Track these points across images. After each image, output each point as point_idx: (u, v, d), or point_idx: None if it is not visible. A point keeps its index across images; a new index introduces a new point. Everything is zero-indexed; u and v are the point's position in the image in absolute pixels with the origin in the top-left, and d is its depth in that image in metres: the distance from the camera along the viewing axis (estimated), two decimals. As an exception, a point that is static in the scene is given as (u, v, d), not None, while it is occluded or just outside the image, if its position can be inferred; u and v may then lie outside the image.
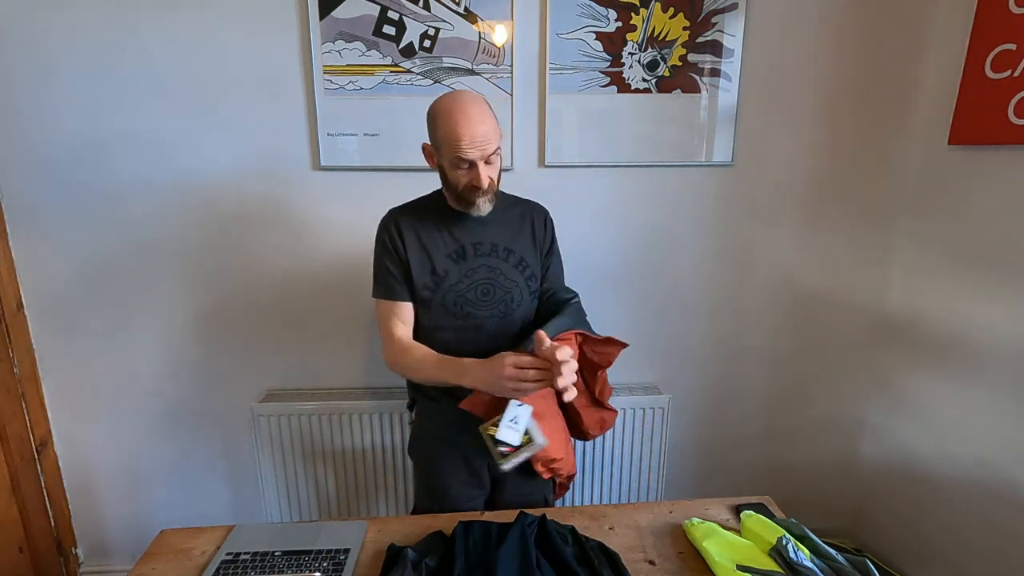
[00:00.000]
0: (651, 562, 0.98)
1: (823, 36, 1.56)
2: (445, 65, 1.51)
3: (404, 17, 1.47)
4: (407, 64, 1.50)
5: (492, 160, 1.07)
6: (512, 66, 1.52)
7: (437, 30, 1.48)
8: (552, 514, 1.07)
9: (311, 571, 0.95)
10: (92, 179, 1.54)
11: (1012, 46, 1.34)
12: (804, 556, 0.91)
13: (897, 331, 1.74)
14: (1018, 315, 1.39)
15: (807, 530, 0.97)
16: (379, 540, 1.03)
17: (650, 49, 1.53)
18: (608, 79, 1.54)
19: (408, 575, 0.89)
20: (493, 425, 1.01)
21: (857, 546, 1.93)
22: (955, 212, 1.54)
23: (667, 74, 1.55)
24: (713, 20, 1.52)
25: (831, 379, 1.84)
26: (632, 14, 1.51)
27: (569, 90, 1.54)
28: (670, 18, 1.51)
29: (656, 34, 1.52)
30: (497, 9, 1.48)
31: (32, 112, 1.49)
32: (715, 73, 1.56)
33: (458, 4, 1.47)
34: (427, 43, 1.49)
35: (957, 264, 1.54)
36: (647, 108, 1.57)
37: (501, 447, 1.00)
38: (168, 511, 1.82)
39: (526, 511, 1.04)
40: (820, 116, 1.62)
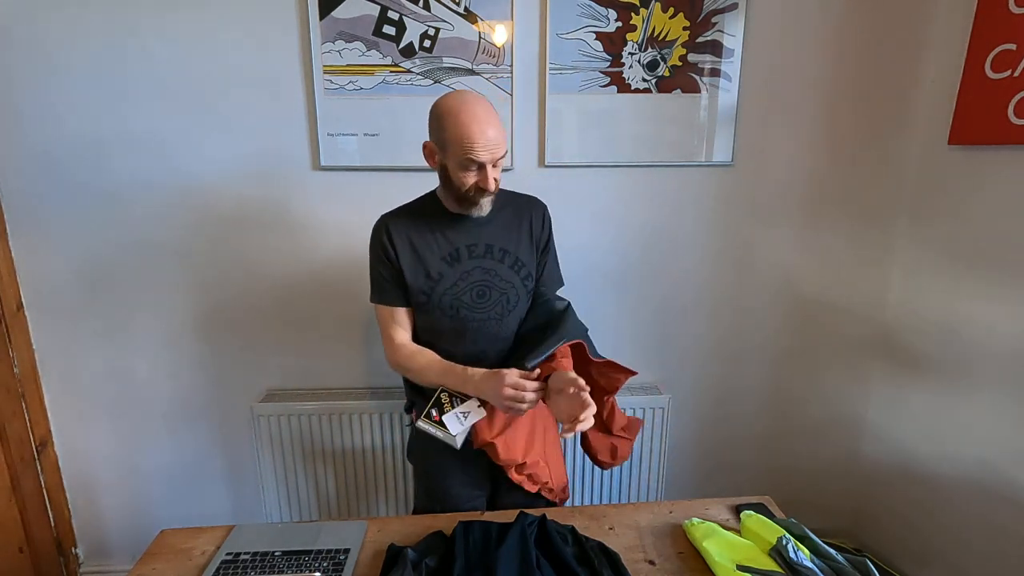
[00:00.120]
0: (651, 562, 0.98)
1: (823, 36, 1.56)
2: (445, 65, 1.51)
3: (404, 17, 1.47)
4: (407, 64, 1.50)
5: (499, 162, 1.07)
6: (512, 66, 1.52)
7: (437, 30, 1.48)
8: (552, 514, 1.07)
9: (311, 571, 0.95)
10: (92, 179, 1.54)
11: (1012, 46, 1.34)
12: (804, 556, 0.91)
13: (897, 331, 1.74)
14: (1018, 315, 1.39)
15: (807, 530, 0.97)
16: (379, 540, 1.03)
17: (650, 49, 1.53)
18: (608, 79, 1.54)
19: (408, 575, 0.89)
20: (450, 404, 1.10)
21: (857, 546, 1.93)
22: (955, 212, 1.54)
23: (667, 74, 1.55)
24: (713, 20, 1.52)
25: (831, 379, 1.84)
26: (632, 14, 1.50)
27: (569, 90, 1.54)
28: (670, 18, 1.51)
29: (656, 34, 1.52)
30: (497, 9, 1.48)
31: (32, 112, 1.49)
32: (715, 73, 1.56)
33: (458, 4, 1.47)
34: (427, 43, 1.49)
35: (957, 264, 1.54)
36: (647, 108, 1.57)
37: (434, 417, 1.09)
38: (168, 511, 1.82)
39: (526, 511, 1.04)
40: (820, 116, 1.62)
